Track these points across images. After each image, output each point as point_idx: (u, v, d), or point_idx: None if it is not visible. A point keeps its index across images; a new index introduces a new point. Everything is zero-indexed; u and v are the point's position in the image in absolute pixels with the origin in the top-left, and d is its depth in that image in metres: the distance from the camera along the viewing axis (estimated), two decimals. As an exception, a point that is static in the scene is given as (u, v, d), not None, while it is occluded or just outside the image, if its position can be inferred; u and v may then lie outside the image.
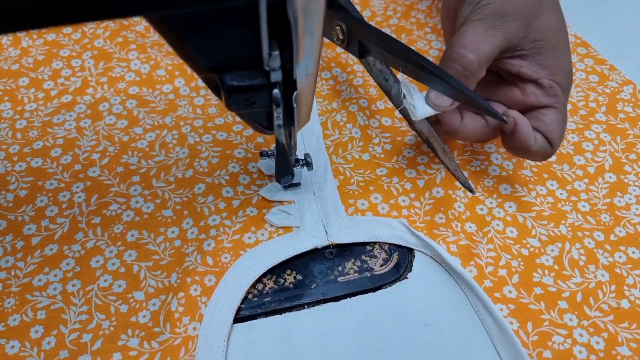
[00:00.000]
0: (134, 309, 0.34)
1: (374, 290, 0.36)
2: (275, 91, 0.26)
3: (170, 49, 0.47)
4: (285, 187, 0.39)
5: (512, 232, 0.38)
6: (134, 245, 0.37)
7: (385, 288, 0.36)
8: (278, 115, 0.27)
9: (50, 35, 0.48)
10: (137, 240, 0.37)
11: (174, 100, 0.44)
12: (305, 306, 0.36)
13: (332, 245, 0.37)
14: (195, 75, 0.46)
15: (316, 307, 0.36)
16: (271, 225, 0.38)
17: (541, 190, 0.40)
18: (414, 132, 0.43)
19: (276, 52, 0.24)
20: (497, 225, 0.38)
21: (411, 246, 0.38)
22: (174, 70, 0.46)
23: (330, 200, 0.39)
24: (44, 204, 0.38)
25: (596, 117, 0.44)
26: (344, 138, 0.42)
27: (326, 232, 0.38)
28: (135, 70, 0.46)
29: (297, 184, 0.39)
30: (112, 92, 0.45)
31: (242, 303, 0.35)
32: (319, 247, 0.37)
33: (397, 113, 0.43)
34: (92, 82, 0.45)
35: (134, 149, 0.41)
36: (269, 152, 0.38)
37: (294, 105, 0.28)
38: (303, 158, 0.37)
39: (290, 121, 0.30)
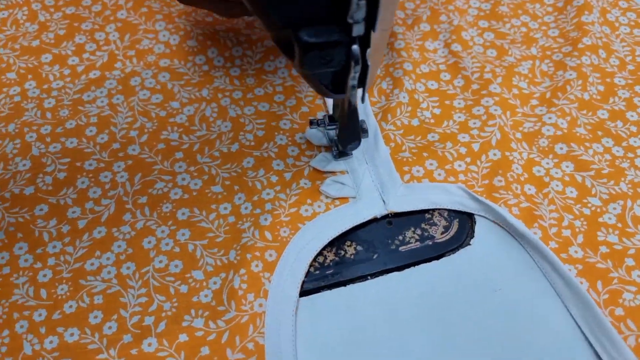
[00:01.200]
0: (195, 288, 0.33)
1: (437, 258, 0.35)
2: (355, 47, 0.25)
3: (199, 17, 0.45)
4: (337, 157, 0.38)
5: (572, 192, 0.37)
6: (186, 224, 0.35)
7: (449, 255, 0.35)
8: (355, 74, 0.26)
9: (69, 8, 0.45)
10: (189, 219, 0.36)
11: (208, 71, 0.42)
12: (369, 277, 0.35)
13: (390, 214, 0.36)
14: (229, 45, 0.44)
15: (379, 277, 0.35)
16: (327, 197, 0.37)
17: (597, 148, 0.39)
18: (462, 96, 0.41)
19: (363, 2, 0.23)
20: (557, 185, 0.37)
21: (471, 211, 0.36)
22: (206, 40, 0.44)
23: (384, 169, 0.38)
24: (86, 186, 0.37)
25: (644, 72, 0.43)
26: (391, 104, 0.41)
27: (384, 201, 0.36)
28: (164, 42, 0.44)
29: (349, 154, 0.38)
30: (142, 65, 0.42)
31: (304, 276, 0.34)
32: (378, 216, 0.36)
33: None
34: (120, 56, 0.43)
35: (173, 124, 0.40)
36: (319, 121, 0.36)
37: (369, 64, 0.26)
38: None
39: (361, 82, 0.28)
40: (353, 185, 0.37)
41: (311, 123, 0.36)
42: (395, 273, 0.35)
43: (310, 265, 0.34)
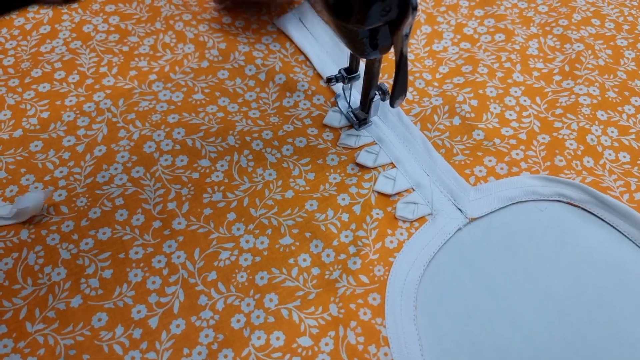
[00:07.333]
0: (308, 357, 0.30)
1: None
2: None
3: (196, 68, 0.41)
4: (359, 127, 0.38)
5: (624, 157, 0.38)
6: (269, 288, 0.32)
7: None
8: (412, 19, 0.26)
9: (41, 86, 0.39)
10: (270, 281, 0.32)
11: (225, 117, 0.39)
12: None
13: (470, 220, 0.35)
14: (240, 92, 0.40)
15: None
16: (404, 221, 0.34)
17: (629, 109, 0.40)
18: (491, 83, 0.41)
19: None
20: (610, 155, 0.38)
21: (546, 198, 0.36)
22: (212, 91, 0.40)
23: (448, 177, 0.36)
24: (141, 278, 0.32)
25: None
26: (427, 111, 0.39)
27: (460, 210, 0.35)
28: (167, 100, 0.39)
29: (369, 122, 0.38)
30: (149, 127, 0.38)
31: (415, 311, 0.32)
32: (462, 227, 0.34)
33: None
34: (120, 123, 0.38)
35: (211, 185, 0.35)
36: (337, 77, 0.37)
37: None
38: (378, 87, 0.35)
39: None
40: (425, 201, 0.35)
41: (329, 80, 0.37)
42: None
43: (415, 297, 0.32)
